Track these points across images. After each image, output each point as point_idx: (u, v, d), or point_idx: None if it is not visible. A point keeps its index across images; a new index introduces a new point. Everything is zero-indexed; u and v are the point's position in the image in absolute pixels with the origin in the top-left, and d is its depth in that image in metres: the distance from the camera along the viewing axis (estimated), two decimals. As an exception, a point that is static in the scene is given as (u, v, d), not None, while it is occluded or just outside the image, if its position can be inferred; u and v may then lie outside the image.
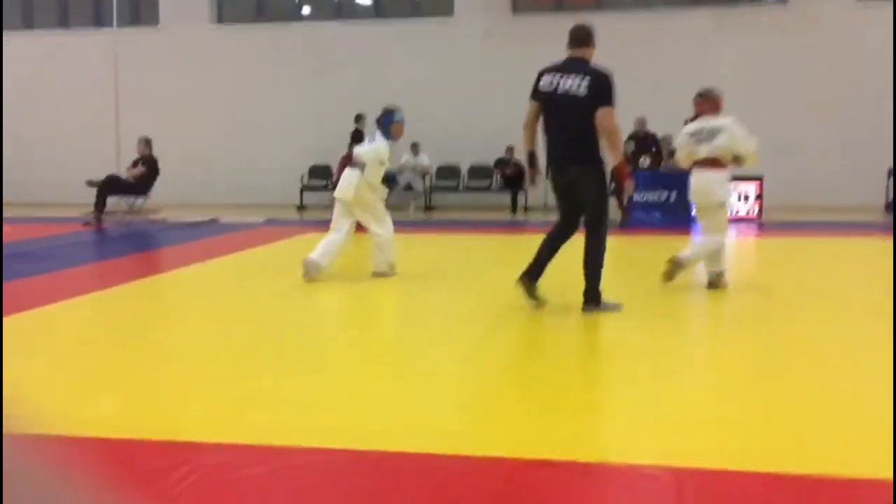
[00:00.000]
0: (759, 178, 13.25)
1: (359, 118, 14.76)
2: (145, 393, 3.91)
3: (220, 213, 14.13)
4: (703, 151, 6.69)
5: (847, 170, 14.66)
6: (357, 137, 14.60)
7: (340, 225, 7.19)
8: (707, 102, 6.88)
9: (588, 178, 5.62)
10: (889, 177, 13.87)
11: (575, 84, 5.51)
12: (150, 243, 11.14)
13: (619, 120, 5.64)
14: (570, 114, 5.54)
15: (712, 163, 6.66)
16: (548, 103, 5.66)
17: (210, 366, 4.46)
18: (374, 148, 7.24)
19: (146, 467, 2.97)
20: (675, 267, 6.56)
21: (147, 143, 12.90)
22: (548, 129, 5.75)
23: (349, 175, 7.23)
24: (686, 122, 7.25)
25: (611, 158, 5.65)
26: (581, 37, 5.77)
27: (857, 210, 13.70)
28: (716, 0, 16.16)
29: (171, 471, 2.90)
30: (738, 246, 11.01)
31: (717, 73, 15.31)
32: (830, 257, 9.15)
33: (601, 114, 5.45)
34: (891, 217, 13.32)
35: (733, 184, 13.08)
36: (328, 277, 7.20)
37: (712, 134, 6.65)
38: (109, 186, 12.67)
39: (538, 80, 5.78)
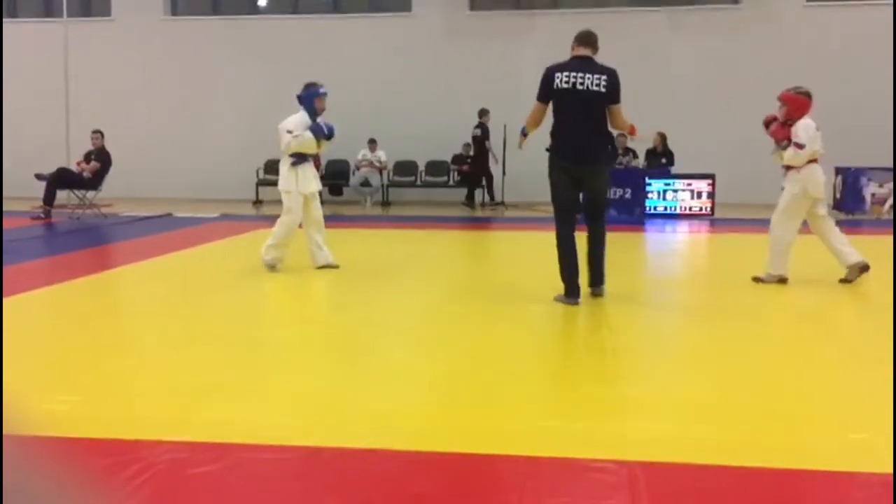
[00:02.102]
0: (711, 176, 13.49)
1: (483, 113, 14.59)
2: (97, 390, 3.86)
3: (173, 208, 13.95)
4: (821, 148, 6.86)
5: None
6: (483, 133, 14.58)
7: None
8: (810, 101, 6.93)
9: (604, 172, 6.14)
10: (836, 175, 14.19)
11: (594, 81, 5.82)
12: (101, 238, 10.95)
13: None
14: (593, 109, 5.85)
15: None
16: (567, 98, 5.82)
17: (163, 362, 4.41)
18: (288, 119, 7.37)
19: (98, 465, 2.94)
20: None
21: (101, 135, 12.67)
22: (565, 123, 5.89)
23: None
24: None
25: (627, 130, 6.34)
26: (591, 39, 6.08)
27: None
28: (672, 0, 16.39)
29: (123, 469, 2.87)
30: (691, 241, 11.21)
31: (672, 71, 15.57)
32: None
33: (617, 110, 5.93)
34: (839, 214, 13.66)
35: (685, 182, 13.44)
36: (284, 271, 7.19)
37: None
38: (59, 180, 12.43)
39: (550, 78, 5.88)
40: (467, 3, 16.52)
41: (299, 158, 7.34)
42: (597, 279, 6.08)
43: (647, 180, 13.62)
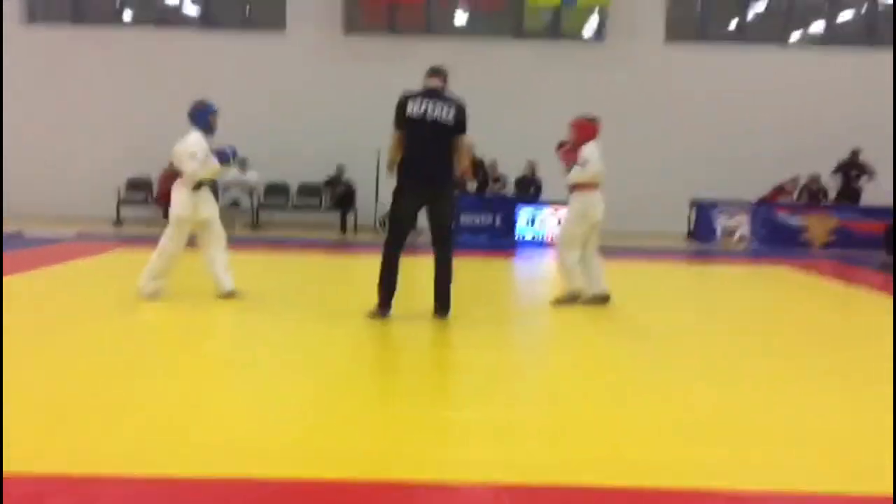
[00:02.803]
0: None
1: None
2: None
3: (24, 225, 13.15)
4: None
5: (653, 199, 15.71)
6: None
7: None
8: (597, 127, 7.45)
9: (449, 199, 6.35)
10: (691, 207, 15.02)
11: (443, 112, 6.12)
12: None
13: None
14: (440, 138, 6.11)
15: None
16: (417, 127, 6.09)
17: (15, 390, 4.12)
18: (183, 141, 6.91)
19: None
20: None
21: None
22: (414, 150, 6.13)
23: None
24: (561, 145, 7.56)
25: (463, 170, 6.56)
26: (442, 72, 6.42)
27: (663, 237, 14.71)
28: (540, 35, 16.95)
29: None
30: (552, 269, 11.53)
31: (539, 101, 16.08)
32: (646, 279, 9.77)
33: (462, 141, 6.23)
34: (692, 244, 14.43)
35: (553, 209, 13.87)
36: (152, 299, 6.89)
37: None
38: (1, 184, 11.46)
39: (404, 105, 6.15)
40: (342, 26, 16.52)
41: (198, 183, 6.90)
42: (443, 306, 6.29)
43: (517, 208, 13.96)
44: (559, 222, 13.74)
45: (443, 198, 6.25)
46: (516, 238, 13.91)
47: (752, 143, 16.13)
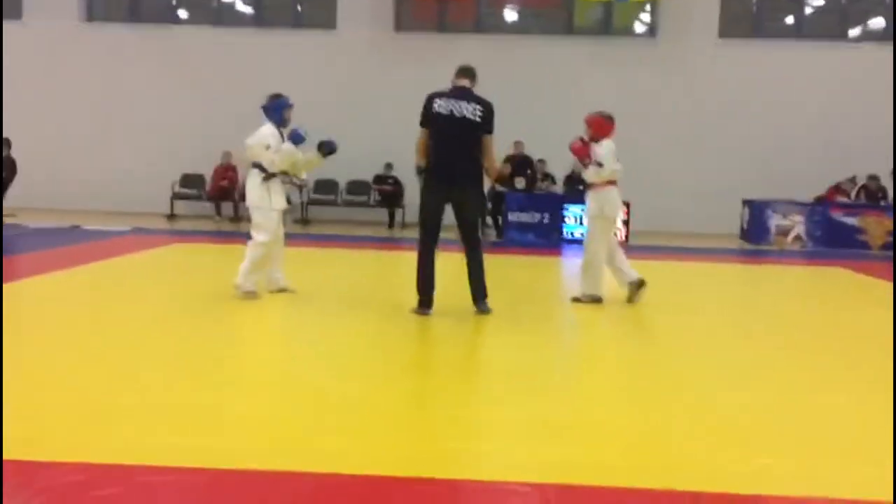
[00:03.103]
0: (626, 204, 13.83)
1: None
2: (-8, 409, 3.67)
3: (82, 220, 13.48)
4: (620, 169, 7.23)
5: (706, 199, 15.48)
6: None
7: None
8: (612, 125, 7.34)
9: (475, 195, 6.37)
10: (743, 206, 14.75)
11: (470, 110, 6.15)
12: (4, 249, 10.47)
13: (496, 142, 6.36)
14: (467, 135, 6.17)
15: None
16: (444, 124, 6.15)
17: (66, 380, 4.23)
18: (255, 134, 6.88)
19: (-11, 489, 2.79)
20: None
21: (7, 143, 12.17)
22: (440, 146, 6.22)
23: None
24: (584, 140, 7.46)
25: (491, 172, 6.54)
26: (471, 72, 6.45)
27: (715, 237, 14.48)
28: (591, 31, 16.80)
29: (21, 491, 2.73)
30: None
31: (590, 100, 15.89)
32: (692, 278, 9.63)
33: (489, 140, 6.25)
34: (745, 244, 14.18)
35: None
36: (204, 292, 7.00)
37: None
38: (2, 182, 11.86)
39: (430, 104, 6.25)
40: (392, 24, 16.59)
41: (269, 173, 6.87)
42: (479, 296, 6.36)
43: (565, 206, 13.87)
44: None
45: (469, 195, 6.32)
46: (563, 236, 13.82)
47: (807, 141, 15.76)
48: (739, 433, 3.71)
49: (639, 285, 7.18)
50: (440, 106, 6.20)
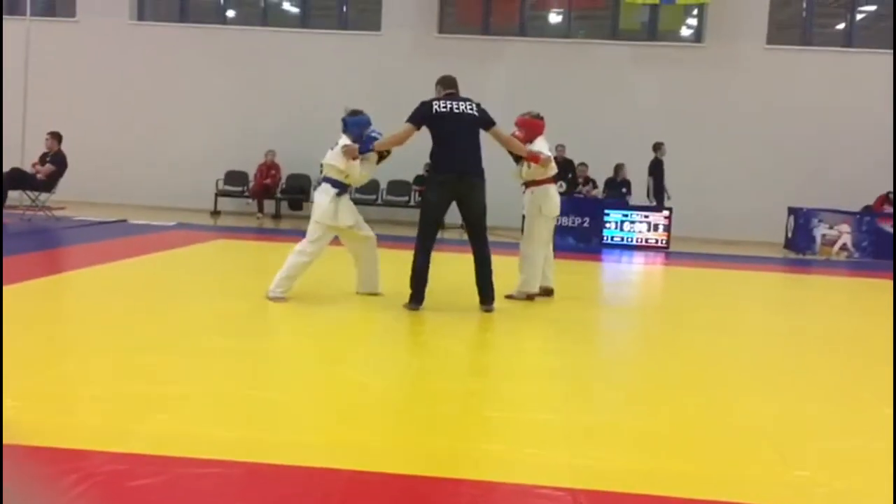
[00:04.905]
0: (668, 209, 13.72)
1: (658, 147, 14.03)
2: (38, 397, 3.76)
3: (128, 214, 13.74)
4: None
5: (750, 206, 15.28)
6: (656, 168, 13.98)
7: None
8: (541, 124, 7.27)
9: (481, 191, 6.49)
10: (789, 215, 14.51)
11: (467, 107, 6.45)
12: (53, 241, 10.73)
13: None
14: (469, 129, 6.39)
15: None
16: (446, 121, 6.37)
17: (110, 370, 4.32)
18: (335, 150, 6.76)
19: (34, 474, 2.86)
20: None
21: (58, 138, 12.46)
22: (446, 142, 6.40)
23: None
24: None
25: (521, 152, 6.84)
26: (454, 82, 6.70)
27: (759, 245, 14.27)
28: (636, 35, 16.68)
29: (60, 479, 2.80)
30: (647, 272, 11.34)
31: (634, 104, 15.83)
32: (732, 286, 9.51)
33: (499, 131, 6.55)
34: (789, 253, 13.95)
35: (643, 214, 13.64)
36: (246, 289, 7.09)
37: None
38: (12, 180, 12.17)
39: (428, 107, 6.46)
40: (436, 26, 16.64)
41: (343, 189, 6.80)
42: (488, 299, 6.49)
43: (606, 211, 13.79)
44: (649, 227, 13.58)
45: (475, 189, 6.43)
46: (604, 240, 13.74)
47: (855, 150, 15.48)
48: (775, 444, 3.66)
49: (548, 292, 7.30)
50: (441, 106, 6.43)
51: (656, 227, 13.64)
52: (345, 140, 6.77)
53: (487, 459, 3.29)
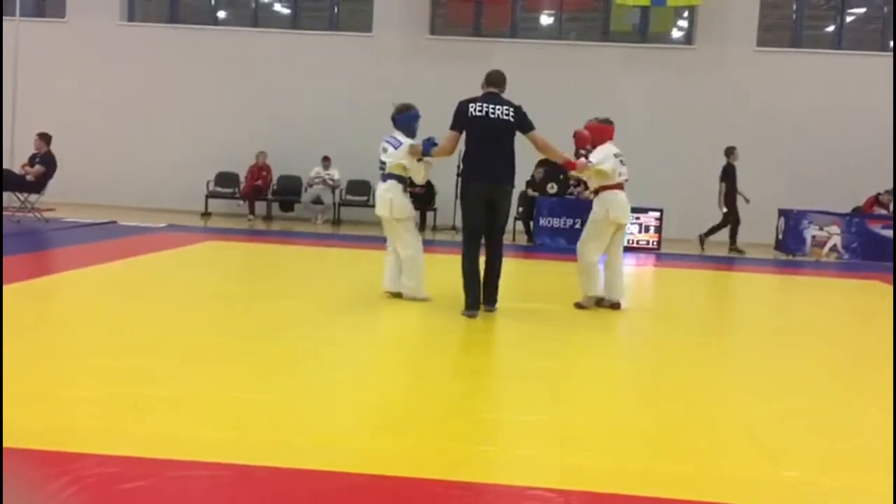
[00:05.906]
0: (659, 210, 13.75)
1: (730, 151, 13.80)
2: (25, 399, 3.74)
3: (118, 216, 13.69)
4: (625, 173, 7.12)
5: (740, 208, 15.31)
6: (729, 174, 13.68)
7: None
8: (609, 129, 7.24)
9: (510, 194, 6.59)
10: (779, 216, 14.57)
11: (503, 111, 6.38)
12: (42, 243, 10.68)
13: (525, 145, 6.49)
14: (503, 135, 6.38)
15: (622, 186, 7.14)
16: (480, 125, 6.33)
17: (98, 372, 4.30)
18: (402, 148, 6.91)
19: (23, 478, 2.84)
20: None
21: (46, 139, 12.41)
22: (478, 147, 6.39)
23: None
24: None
25: (559, 158, 6.93)
26: (500, 79, 6.59)
27: (750, 247, 14.31)
28: (627, 37, 16.72)
29: (50, 482, 2.78)
30: (638, 273, 11.36)
31: (625, 106, 15.85)
32: (723, 287, 9.54)
33: (535, 136, 6.53)
34: (780, 255, 14.00)
35: (633, 216, 13.65)
36: (237, 290, 7.06)
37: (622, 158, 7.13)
38: (1, 182, 12.12)
39: (465, 109, 6.41)
40: (427, 27, 16.64)
41: (406, 185, 7.03)
42: (492, 299, 6.54)
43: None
44: (640, 228, 13.60)
45: (504, 195, 6.51)
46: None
47: (845, 152, 15.55)
48: (764, 445, 3.67)
49: (608, 305, 7.12)
50: (476, 109, 6.40)
51: (647, 229, 13.67)
52: (404, 137, 6.98)
53: (478, 461, 3.29)
